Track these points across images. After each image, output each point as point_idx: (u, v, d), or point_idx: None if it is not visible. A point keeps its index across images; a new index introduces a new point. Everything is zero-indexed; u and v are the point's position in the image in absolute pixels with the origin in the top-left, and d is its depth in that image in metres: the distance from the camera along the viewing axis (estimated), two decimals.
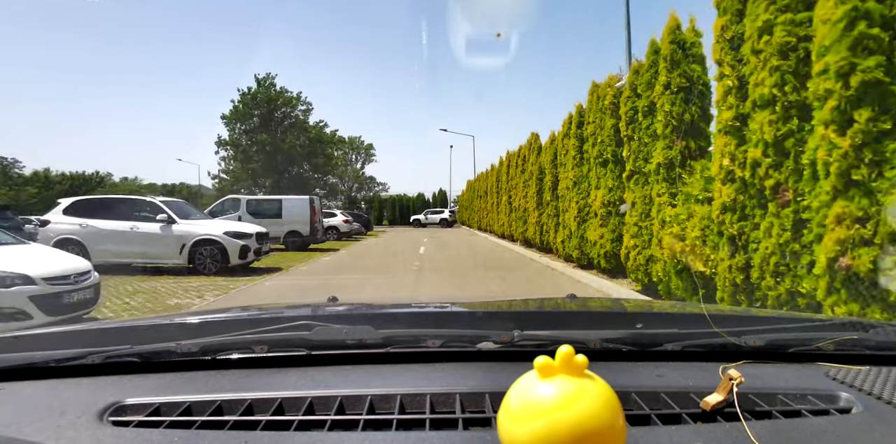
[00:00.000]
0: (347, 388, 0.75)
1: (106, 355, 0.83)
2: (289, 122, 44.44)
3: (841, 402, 0.72)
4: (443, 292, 7.50)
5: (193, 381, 0.80)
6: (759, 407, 0.70)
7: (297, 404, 0.71)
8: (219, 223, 10.39)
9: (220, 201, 15.86)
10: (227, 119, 43.13)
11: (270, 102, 42.37)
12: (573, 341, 0.84)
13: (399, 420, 0.66)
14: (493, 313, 1.28)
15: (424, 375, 0.80)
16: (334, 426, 0.66)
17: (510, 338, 0.85)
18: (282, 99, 42.91)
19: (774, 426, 0.64)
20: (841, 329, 1.00)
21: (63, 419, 0.66)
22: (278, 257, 13.02)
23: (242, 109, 42.60)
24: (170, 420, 0.67)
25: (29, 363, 0.83)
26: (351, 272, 10.03)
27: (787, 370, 0.84)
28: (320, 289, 7.51)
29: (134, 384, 0.79)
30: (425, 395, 0.72)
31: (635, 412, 0.68)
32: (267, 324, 0.90)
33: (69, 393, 0.75)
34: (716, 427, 0.64)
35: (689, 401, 0.71)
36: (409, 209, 43.55)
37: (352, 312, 1.22)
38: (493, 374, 0.79)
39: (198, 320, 1.06)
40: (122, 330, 1.08)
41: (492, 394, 0.71)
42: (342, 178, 57.08)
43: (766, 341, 0.89)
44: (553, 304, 1.46)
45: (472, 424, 0.66)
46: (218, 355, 0.85)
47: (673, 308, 1.51)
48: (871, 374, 0.80)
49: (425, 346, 0.86)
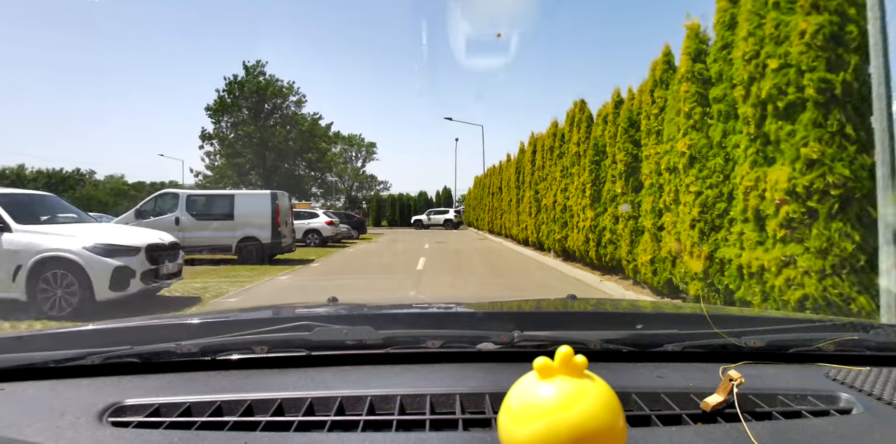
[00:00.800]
0: (347, 389, 0.75)
1: (106, 355, 0.82)
2: (280, 113, 41.17)
3: (841, 403, 0.71)
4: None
5: (193, 381, 0.80)
6: (759, 408, 0.70)
7: (297, 404, 0.71)
8: (92, 230, 6.36)
9: (150, 198, 11.93)
10: (211, 110, 39.64)
11: (259, 91, 38.96)
12: (573, 342, 0.85)
13: (399, 421, 0.66)
14: (493, 313, 1.27)
15: (424, 375, 0.80)
16: (334, 427, 0.66)
17: (510, 339, 0.85)
18: (272, 88, 39.52)
19: (775, 427, 0.64)
20: (841, 330, 0.99)
21: (63, 419, 0.66)
22: (208, 276, 9.03)
23: (229, 99, 39.29)
24: (169, 421, 0.66)
25: (29, 364, 0.83)
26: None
27: (787, 370, 0.84)
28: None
29: (134, 384, 0.79)
30: (425, 396, 0.72)
31: (635, 413, 0.68)
32: (267, 325, 0.90)
33: (69, 394, 0.75)
34: (716, 428, 0.64)
35: (689, 402, 0.71)
36: (411, 209, 39.79)
37: (352, 312, 1.22)
38: (493, 375, 0.79)
39: (198, 320, 1.04)
40: (122, 331, 1.06)
41: (492, 395, 0.71)
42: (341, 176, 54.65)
43: (766, 341, 0.88)
44: (553, 304, 1.46)
45: (473, 425, 0.66)
46: (218, 356, 0.84)
47: (673, 309, 1.54)
48: (871, 375, 0.80)
49: (425, 347, 0.86)
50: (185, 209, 11.51)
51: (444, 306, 1.38)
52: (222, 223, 11.54)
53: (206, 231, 11.45)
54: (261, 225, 11.52)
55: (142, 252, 5.99)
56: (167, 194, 11.92)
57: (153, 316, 1.28)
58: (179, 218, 11.46)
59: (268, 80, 39.25)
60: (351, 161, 55.25)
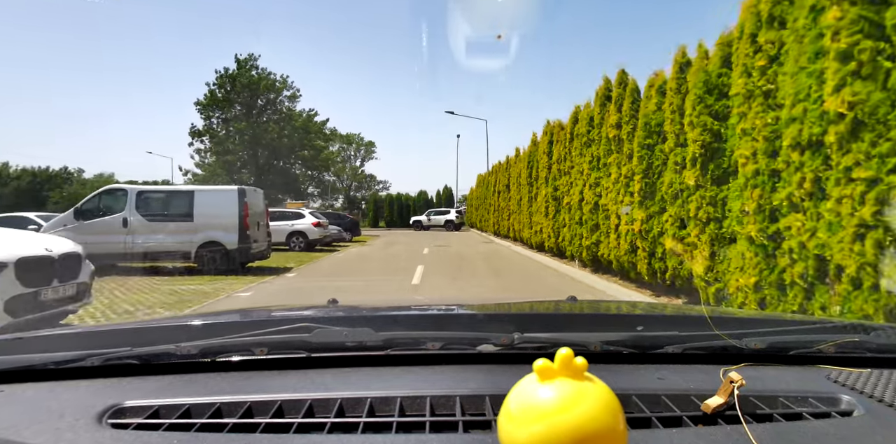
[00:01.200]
0: (347, 390, 0.74)
1: (105, 357, 0.82)
2: (273, 109, 39.42)
3: (842, 405, 0.71)
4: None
5: (193, 383, 0.79)
6: (760, 410, 0.69)
7: (297, 406, 0.70)
8: None
9: (94, 195, 9.96)
10: (201, 105, 37.80)
11: (252, 85, 37.18)
12: (573, 344, 0.84)
13: (399, 423, 0.66)
14: (493, 315, 1.27)
15: (424, 377, 0.80)
16: (334, 429, 0.65)
17: (510, 340, 0.84)
18: (265, 83, 37.73)
19: (775, 429, 0.64)
20: (842, 332, 0.98)
21: (62, 421, 0.66)
22: (144, 293, 7.12)
23: (220, 93, 37.55)
24: (169, 423, 0.66)
25: (28, 366, 0.82)
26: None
27: (788, 372, 0.84)
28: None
29: (133, 386, 0.78)
30: (425, 397, 0.72)
31: (636, 415, 0.67)
32: (267, 326, 0.89)
33: (68, 395, 0.75)
34: (717, 430, 0.63)
35: (689, 404, 0.70)
36: (410, 209, 37.73)
37: (352, 314, 1.21)
38: (493, 376, 0.79)
39: (197, 322, 1.03)
40: (122, 332, 1.06)
41: (492, 397, 0.71)
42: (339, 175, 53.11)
43: (766, 343, 0.88)
44: (553, 306, 1.45)
45: (473, 427, 0.65)
46: (217, 358, 0.84)
47: (673, 310, 1.53)
48: (872, 376, 0.80)
49: (425, 348, 0.86)
50: (135, 208, 9.55)
51: (445, 308, 1.39)
52: (180, 225, 9.59)
53: (160, 235, 9.52)
54: (226, 227, 9.57)
55: (6, 271, 4.02)
56: (114, 191, 9.95)
57: (153, 318, 1.23)
58: (128, 219, 9.51)
59: (260, 74, 37.49)
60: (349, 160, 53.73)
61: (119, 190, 9.88)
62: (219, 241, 9.55)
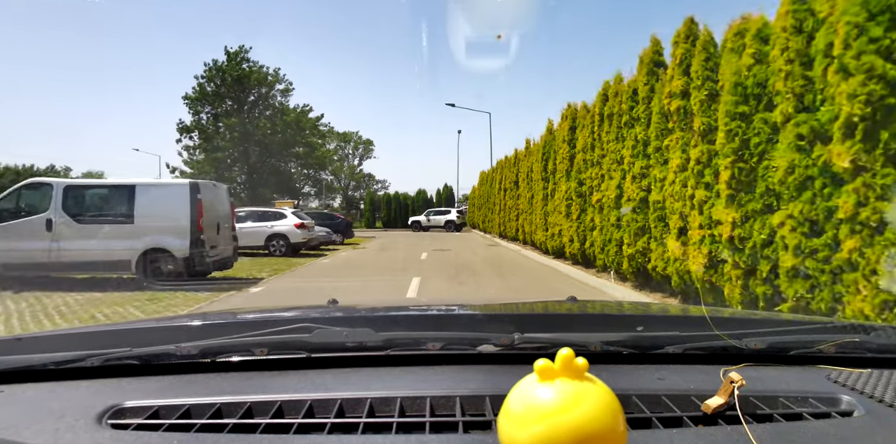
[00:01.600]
0: (347, 391, 0.74)
1: (105, 357, 0.82)
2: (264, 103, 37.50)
3: (842, 405, 0.71)
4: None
5: (193, 384, 0.79)
6: (760, 410, 0.69)
7: (297, 407, 0.70)
8: None
9: (13, 190, 8.04)
10: (189, 100, 35.92)
11: (242, 79, 35.27)
12: (573, 344, 0.84)
13: (399, 423, 0.66)
14: (493, 315, 1.25)
15: (425, 378, 0.80)
16: (334, 429, 0.65)
17: (510, 341, 0.84)
18: (256, 75, 35.80)
19: (776, 429, 0.63)
20: (842, 332, 0.98)
21: (62, 421, 0.66)
22: (30, 324, 5.25)
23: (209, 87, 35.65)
24: (169, 423, 0.66)
25: (28, 366, 0.82)
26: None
27: (788, 372, 0.83)
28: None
29: (133, 386, 0.78)
30: (425, 398, 0.72)
31: (636, 415, 0.67)
32: (267, 327, 0.89)
33: (68, 396, 0.75)
34: (717, 430, 0.63)
35: (690, 404, 0.70)
36: (409, 209, 35.69)
37: (352, 314, 1.21)
38: (493, 377, 0.79)
39: (198, 322, 1.03)
40: (122, 332, 1.06)
41: (492, 397, 0.70)
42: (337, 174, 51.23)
43: (767, 343, 0.87)
44: (554, 306, 1.44)
45: (473, 427, 0.65)
46: (218, 358, 0.84)
47: (673, 311, 1.52)
48: (872, 377, 0.79)
49: (425, 349, 0.86)
50: (62, 207, 7.64)
51: (445, 308, 1.39)
52: (117, 228, 7.70)
53: (94, 240, 7.61)
54: (174, 230, 7.65)
55: None
56: (37, 185, 8.01)
57: (153, 318, 1.19)
58: (52, 220, 7.60)
59: (251, 67, 35.57)
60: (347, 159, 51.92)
61: (43, 184, 7.97)
62: (165, 247, 7.65)
